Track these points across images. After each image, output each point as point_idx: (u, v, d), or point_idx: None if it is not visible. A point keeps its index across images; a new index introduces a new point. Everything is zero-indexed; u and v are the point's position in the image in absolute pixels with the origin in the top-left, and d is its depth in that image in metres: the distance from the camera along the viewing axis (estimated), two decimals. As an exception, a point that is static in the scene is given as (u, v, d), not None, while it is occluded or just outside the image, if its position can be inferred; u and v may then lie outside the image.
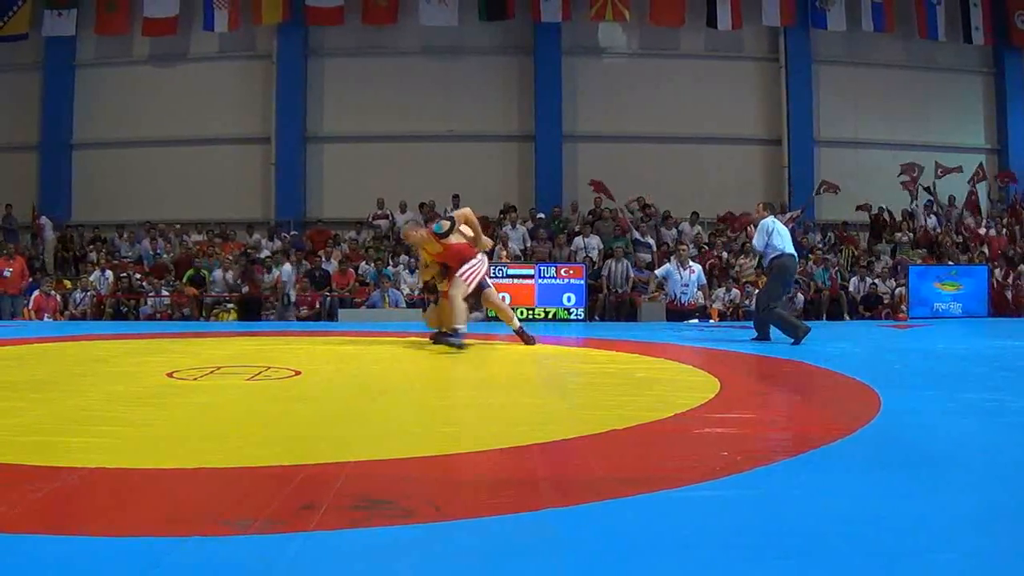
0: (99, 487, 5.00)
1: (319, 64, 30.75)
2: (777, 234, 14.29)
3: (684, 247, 22.76)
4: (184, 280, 24.56)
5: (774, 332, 14.42)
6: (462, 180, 28.52)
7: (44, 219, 28.82)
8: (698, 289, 20.86)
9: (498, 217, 27.44)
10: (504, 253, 23.91)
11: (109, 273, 24.74)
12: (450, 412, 7.42)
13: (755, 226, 14.62)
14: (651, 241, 25.88)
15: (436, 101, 30.19)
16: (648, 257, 24.96)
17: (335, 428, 6.80)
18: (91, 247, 27.69)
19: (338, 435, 6.46)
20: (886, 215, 28.79)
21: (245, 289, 23.48)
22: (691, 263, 21.34)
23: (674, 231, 27.13)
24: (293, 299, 23.69)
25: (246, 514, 4.25)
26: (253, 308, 23.38)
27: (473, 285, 13.20)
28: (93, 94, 31.29)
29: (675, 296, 20.93)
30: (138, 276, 25.01)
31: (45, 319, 22.27)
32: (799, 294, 22.80)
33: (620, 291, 24.03)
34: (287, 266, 24.34)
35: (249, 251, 25.96)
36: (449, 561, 3.66)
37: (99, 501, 4.77)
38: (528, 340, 13.60)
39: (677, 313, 20.72)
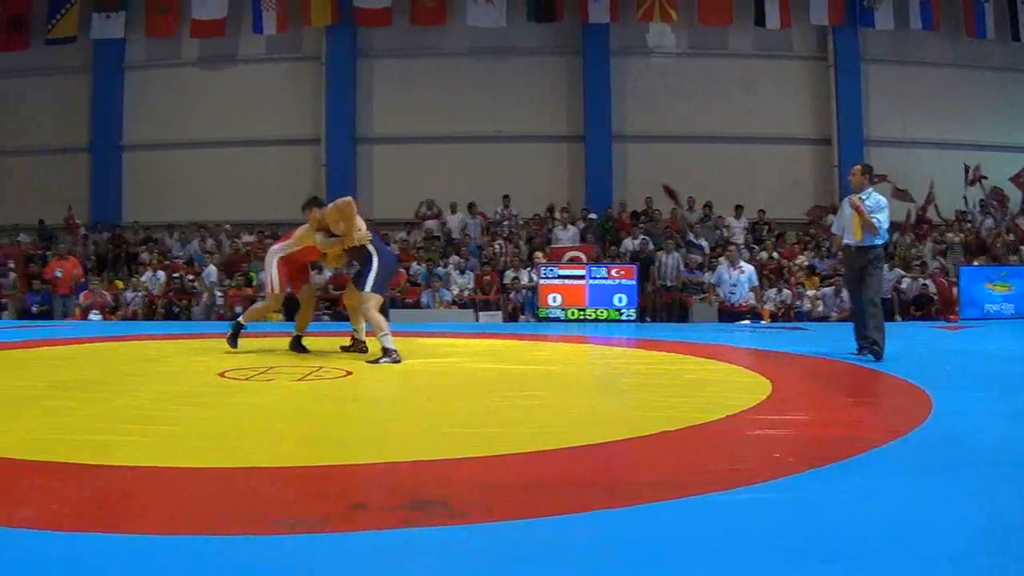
0: (147, 486, 5.11)
1: (368, 65, 30.79)
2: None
3: (733, 247, 22.51)
4: (234, 281, 24.69)
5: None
6: (511, 181, 28.59)
7: (75, 220, 29.11)
8: (749, 290, 20.58)
9: (546, 216, 27.45)
10: (540, 254, 23.81)
11: (161, 273, 24.92)
12: (502, 412, 7.43)
13: (860, 198, 12.04)
14: (704, 243, 25.77)
15: (484, 102, 30.12)
16: (699, 258, 24.84)
17: (386, 428, 6.88)
18: (143, 247, 27.85)
19: (389, 435, 6.54)
20: (916, 214, 28.59)
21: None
22: (742, 263, 21.05)
23: (722, 231, 26.95)
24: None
25: (295, 513, 4.32)
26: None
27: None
28: (142, 96, 31.51)
29: (725, 297, 20.74)
30: (190, 277, 25.16)
31: (92, 318, 22.40)
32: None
33: (669, 285, 23.98)
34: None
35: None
36: (497, 561, 3.71)
37: (146, 500, 4.87)
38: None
39: (729, 314, 20.51)
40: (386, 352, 11.45)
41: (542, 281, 21.48)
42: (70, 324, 21.27)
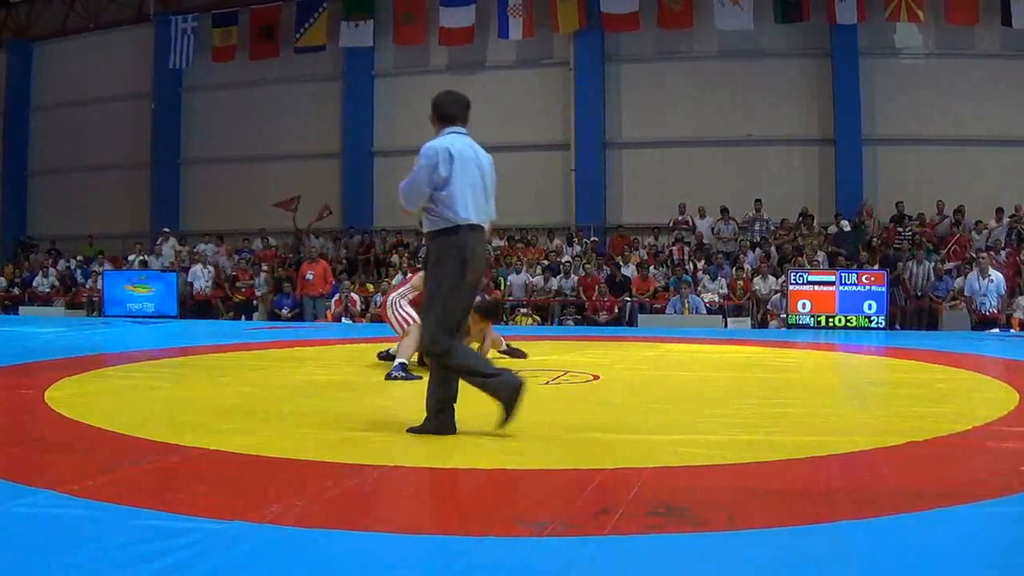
0: (398, 485, 5.40)
1: (616, 70, 31.41)
2: None
3: (984, 255, 21.96)
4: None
5: None
6: (762, 185, 28.52)
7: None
8: (998, 297, 20.12)
9: (798, 221, 27.21)
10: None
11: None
12: (749, 421, 7.64)
13: None
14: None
15: (734, 105, 30.99)
16: (950, 266, 24.34)
17: (633, 433, 7.09)
18: (394, 251, 28.55)
19: (636, 440, 6.75)
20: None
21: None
22: (991, 272, 20.61)
23: (984, 234, 26.26)
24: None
25: (542, 516, 4.52)
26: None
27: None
28: (392, 103, 32.77)
29: (977, 306, 20.34)
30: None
31: (343, 321, 23.22)
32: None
33: (920, 294, 23.61)
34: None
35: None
36: (740, 571, 3.81)
37: (397, 498, 5.15)
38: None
39: (981, 323, 20.20)
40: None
41: (792, 287, 21.43)
42: (321, 326, 21.93)
